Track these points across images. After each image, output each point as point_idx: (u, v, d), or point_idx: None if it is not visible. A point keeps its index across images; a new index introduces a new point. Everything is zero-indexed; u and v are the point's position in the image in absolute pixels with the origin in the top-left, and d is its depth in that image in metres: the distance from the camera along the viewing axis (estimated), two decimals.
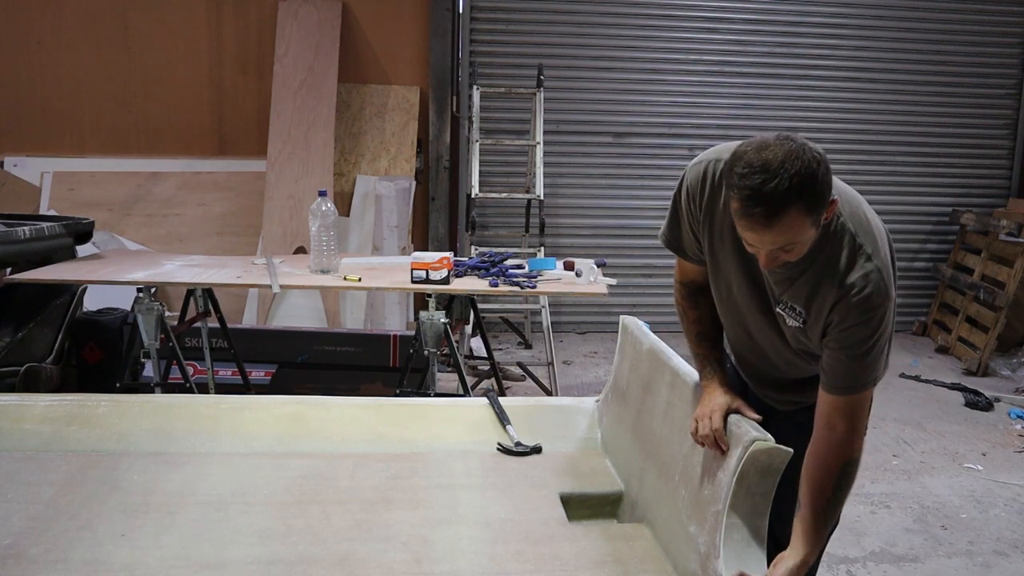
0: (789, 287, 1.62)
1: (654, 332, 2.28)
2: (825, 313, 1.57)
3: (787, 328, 1.68)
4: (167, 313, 3.30)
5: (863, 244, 1.54)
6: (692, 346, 1.87)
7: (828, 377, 1.59)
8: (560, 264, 3.45)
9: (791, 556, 1.58)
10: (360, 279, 3.15)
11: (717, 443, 1.67)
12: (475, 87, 5.28)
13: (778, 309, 1.67)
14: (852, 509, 3.30)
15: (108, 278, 3.16)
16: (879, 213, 1.70)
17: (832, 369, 1.58)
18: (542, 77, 5.31)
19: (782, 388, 1.91)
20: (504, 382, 4.31)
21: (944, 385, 5.06)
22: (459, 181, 5.77)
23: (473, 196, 5.10)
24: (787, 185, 1.38)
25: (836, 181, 1.55)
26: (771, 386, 1.92)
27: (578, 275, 3.27)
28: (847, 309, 1.53)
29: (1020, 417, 4.50)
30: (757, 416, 1.69)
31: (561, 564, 1.79)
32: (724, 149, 1.64)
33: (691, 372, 1.92)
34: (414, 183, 5.48)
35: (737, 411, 1.70)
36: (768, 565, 1.60)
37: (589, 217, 6.07)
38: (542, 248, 5.02)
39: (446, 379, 4.18)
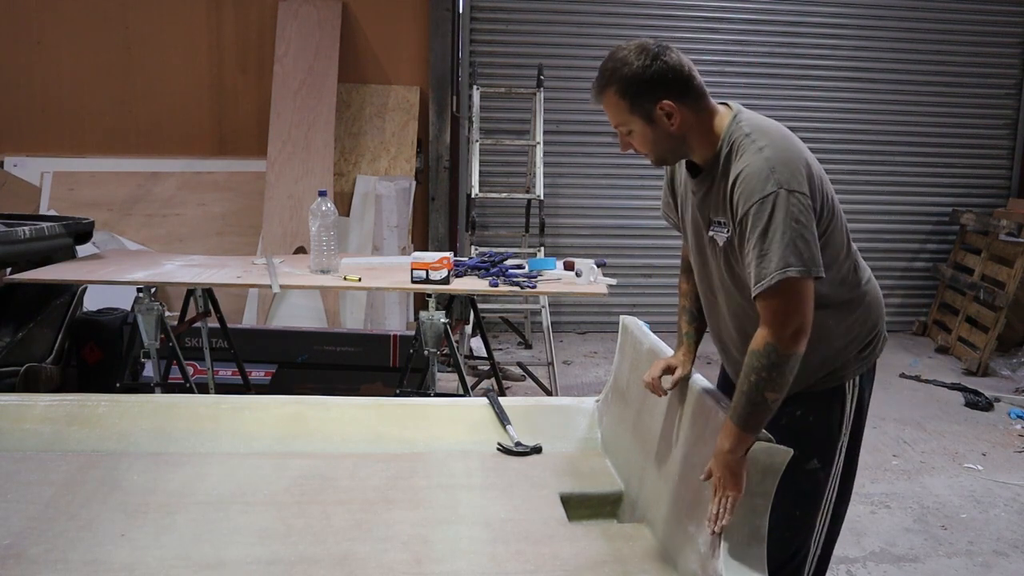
0: (709, 205, 1.74)
1: (654, 332, 2.28)
2: (730, 208, 1.65)
3: (722, 252, 1.73)
4: (167, 313, 3.30)
5: (756, 140, 1.63)
6: (678, 321, 2.01)
7: (750, 281, 1.60)
8: (560, 264, 3.45)
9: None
10: (360, 279, 3.15)
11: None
12: (475, 87, 5.28)
13: (710, 232, 1.75)
14: (852, 509, 3.26)
15: (108, 278, 3.16)
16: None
17: (749, 269, 1.60)
18: (542, 77, 5.31)
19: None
20: (504, 382, 4.31)
21: (944, 385, 5.06)
22: (459, 181, 5.77)
23: (473, 196, 5.10)
24: (602, 69, 1.73)
25: (764, 119, 1.70)
26: (734, 366, 1.91)
27: (578, 275, 3.27)
28: (739, 194, 1.61)
29: (1020, 417, 4.50)
30: (676, 377, 1.91)
31: (561, 564, 1.79)
32: None
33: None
34: (414, 183, 5.48)
35: (671, 368, 1.93)
36: (768, 565, 1.60)
37: (589, 217, 6.07)
38: (542, 248, 5.02)
39: (446, 379, 4.18)
